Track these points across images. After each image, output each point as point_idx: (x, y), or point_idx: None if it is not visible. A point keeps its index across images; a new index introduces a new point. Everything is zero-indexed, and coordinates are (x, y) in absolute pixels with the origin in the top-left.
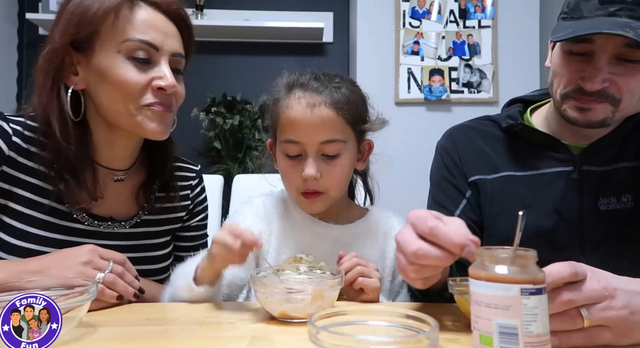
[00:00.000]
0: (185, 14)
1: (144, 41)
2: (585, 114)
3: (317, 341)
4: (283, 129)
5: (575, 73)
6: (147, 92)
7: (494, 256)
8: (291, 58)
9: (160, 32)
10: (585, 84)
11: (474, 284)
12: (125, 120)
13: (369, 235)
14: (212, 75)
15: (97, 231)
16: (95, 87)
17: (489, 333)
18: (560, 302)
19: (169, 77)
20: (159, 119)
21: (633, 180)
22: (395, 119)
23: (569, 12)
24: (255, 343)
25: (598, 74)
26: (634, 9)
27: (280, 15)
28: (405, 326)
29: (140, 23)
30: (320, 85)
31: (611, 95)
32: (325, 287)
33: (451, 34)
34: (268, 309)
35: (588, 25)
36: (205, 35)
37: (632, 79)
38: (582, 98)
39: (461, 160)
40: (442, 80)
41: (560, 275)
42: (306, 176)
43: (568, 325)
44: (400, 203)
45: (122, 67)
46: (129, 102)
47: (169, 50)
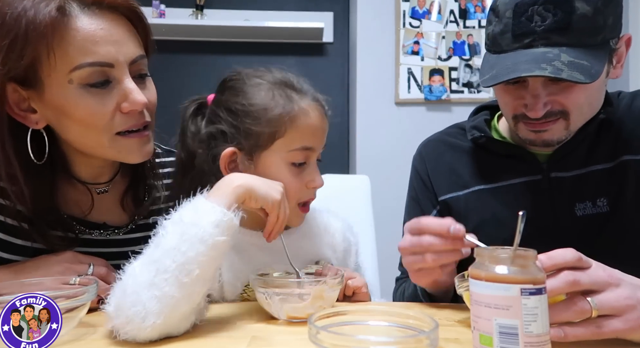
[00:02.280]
0: (134, 5)
1: (95, 63)
2: (541, 134)
3: (317, 341)
4: (298, 135)
5: (517, 100)
6: (117, 117)
7: (494, 256)
8: (291, 58)
9: (109, 44)
10: (529, 113)
11: (474, 284)
12: (102, 152)
13: (314, 234)
14: (212, 75)
15: (89, 239)
16: (60, 124)
17: (489, 333)
18: (566, 281)
19: (135, 95)
20: (137, 146)
21: (607, 183)
22: (395, 119)
23: (490, 45)
24: (255, 343)
25: (537, 101)
26: (547, 37)
27: (280, 15)
28: (405, 326)
29: (83, 40)
30: (316, 92)
31: (559, 111)
32: (325, 287)
33: (451, 34)
34: (268, 309)
35: (509, 64)
36: (205, 35)
37: (571, 93)
38: (532, 122)
39: (430, 180)
40: (442, 80)
41: (564, 259)
42: (318, 185)
43: (576, 314)
44: (401, 203)
45: (79, 100)
46: (100, 134)
47: (126, 60)
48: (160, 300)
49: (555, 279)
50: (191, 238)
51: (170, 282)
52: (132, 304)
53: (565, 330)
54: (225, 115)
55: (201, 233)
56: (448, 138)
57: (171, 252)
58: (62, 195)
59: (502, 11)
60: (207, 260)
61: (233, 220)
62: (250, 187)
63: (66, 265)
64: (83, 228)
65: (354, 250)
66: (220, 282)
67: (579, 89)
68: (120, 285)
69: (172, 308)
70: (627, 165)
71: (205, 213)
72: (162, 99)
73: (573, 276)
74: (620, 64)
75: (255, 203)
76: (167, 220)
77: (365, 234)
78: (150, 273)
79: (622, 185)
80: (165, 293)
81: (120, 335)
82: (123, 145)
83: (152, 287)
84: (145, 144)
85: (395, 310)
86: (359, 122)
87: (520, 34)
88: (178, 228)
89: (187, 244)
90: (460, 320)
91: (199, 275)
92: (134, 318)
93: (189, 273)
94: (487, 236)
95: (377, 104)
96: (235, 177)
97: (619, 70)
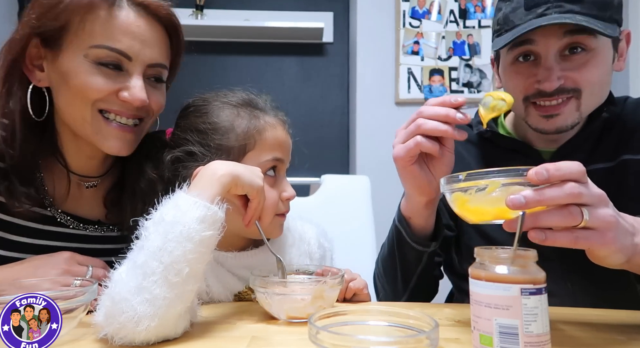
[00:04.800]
0: (176, 21)
1: (115, 49)
2: (554, 120)
3: (317, 341)
4: (268, 146)
5: (530, 78)
6: (111, 100)
7: (494, 256)
8: (291, 58)
9: (137, 40)
10: (543, 85)
11: (474, 284)
12: (81, 129)
13: (290, 244)
14: (211, 75)
15: (84, 235)
16: (57, 89)
17: (489, 333)
18: (570, 193)
19: (138, 90)
20: (116, 134)
21: (607, 182)
22: (395, 119)
23: (501, 26)
24: (255, 343)
25: (551, 73)
26: (560, 5)
27: (280, 15)
28: (405, 326)
29: (115, 28)
30: (277, 109)
31: (571, 89)
32: (325, 287)
33: (451, 33)
34: (268, 309)
35: (525, 27)
36: (205, 35)
37: (584, 69)
38: (545, 106)
39: None
40: (442, 80)
41: (570, 170)
42: (291, 196)
43: (567, 220)
44: None
45: (86, 72)
46: (85, 107)
47: (145, 60)
48: (152, 303)
49: (559, 189)
50: (176, 237)
51: (159, 283)
52: (122, 311)
53: (546, 233)
54: (193, 136)
55: (187, 231)
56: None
57: (157, 254)
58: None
59: None
60: (196, 257)
61: (218, 214)
62: (236, 174)
63: (64, 268)
64: (77, 223)
65: (329, 256)
66: (209, 294)
67: (593, 65)
68: (107, 293)
69: (166, 309)
70: (626, 164)
71: (188, 210)
72: None
73: (578, 189)
74: (623, 58)
75: (241, 190)
76: (148, 220)
77: (365, 234)
78: (138, 277)
79: (622, 185)
80: (156, 296)
81: (116, 342)
82: (102, 128)
83: (141, 291)
84: (126, 137)
85: (395, 310)
86: (359, 122)
87: (533, 4)
88: (161, 228)
89: (173, 243)
90: (460, 320)
91: (190, 273)
92: (127, 324)
93: (178, 272)
94: (489, 231)
95: (377, 104)
96: (217, 166)
97: (622, 63)
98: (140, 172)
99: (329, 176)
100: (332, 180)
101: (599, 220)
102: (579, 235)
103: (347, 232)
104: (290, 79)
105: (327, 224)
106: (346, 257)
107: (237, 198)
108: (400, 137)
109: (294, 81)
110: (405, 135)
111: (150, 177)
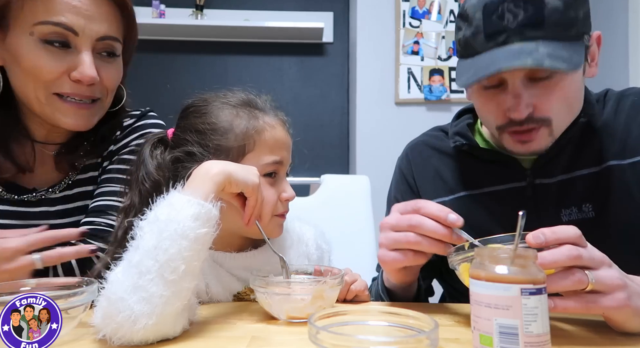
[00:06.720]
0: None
1: (59, 24)
2: (527, 145)
3: (317, 341)
4: (268, 148)
5: (500, 106)
6: (62, 80)
7: (494, 256)
8: (291, 58)
9: (81, 15)
10: (513, 114)
11: (474, 284)
12: (39, 108)
13: (289, 246)
14: (211, 75)
15: (22, 201)
16: (10, 69)
17: (489, 333)
18: (569, 254)
19: (87, 67)
20: (73, 112)
21: (592, 188)
22: (395, 119)
23: (463, 49)
24: (255, 343)
25: (519, 101)
26: (521, 32)
27: (280, 15)
28: (405, 326)
29: (56, 3)
30: (277, 110)
31: (540, 119)
32: (325, 287)
33: (451, 33)
34: (268, 309)
35: (487, 62)
36: (205, 35)
37: (550, 96)
38: (517, 133)
39: (417, 184)
40: (442, 80)
41: (567, 234)
42: (290, 197)
43: (573, 284)
44: None
45: (34, 52)
46: (39, 88)
47: (92, 34)
48: (148, 301)
49: (558, 251)
50: (171, 235)
51: (155, 281)
52: (119, 310)
53: (555, 301)
54: (192, 136)
55: (181, 229)
56: (433, 140)
57: (152, 252)
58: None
59: (471, 14)
60: (191, 254)
61: (212, 211)
62: (229, 173)
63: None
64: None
65: (326, 258)
66: (208, 294)
67: (561, 88)
68: (103, 294)
69: (163, 307)
70: (612, 170)
71: (182, 208)
72: (162, 98)
73: (577, 251)
74: (595, 62)
75: (235, 188)
76: (142, 220)
77: (365, 234)
78: (133, 277)
79: (608, 191)
80: (153, 294)
81: (114, 342)
82: (58, 107)
83: (137, 290)
84: (83, 113)
85: (395, 310)
86: (359, 122)
87: (493, 32)
88: (155, 227)
89: (168, 241)
90: (460, 320)
91: (186, 270)
92: (124, 323)
93: (174, 270)
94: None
95: (377, 104)
96: (211, 165)
97: (594, 69)
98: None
99: (328, 176)
100: (332, 180)
101: (604, 283)
102: (588, 299)
103: (347, 232)
104: (290, 79)
105: (326, 224)
106: (346, 256)
107: (234, 198)
108: (389, 242)
109: (293, 81)
110: (394, 242)
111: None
